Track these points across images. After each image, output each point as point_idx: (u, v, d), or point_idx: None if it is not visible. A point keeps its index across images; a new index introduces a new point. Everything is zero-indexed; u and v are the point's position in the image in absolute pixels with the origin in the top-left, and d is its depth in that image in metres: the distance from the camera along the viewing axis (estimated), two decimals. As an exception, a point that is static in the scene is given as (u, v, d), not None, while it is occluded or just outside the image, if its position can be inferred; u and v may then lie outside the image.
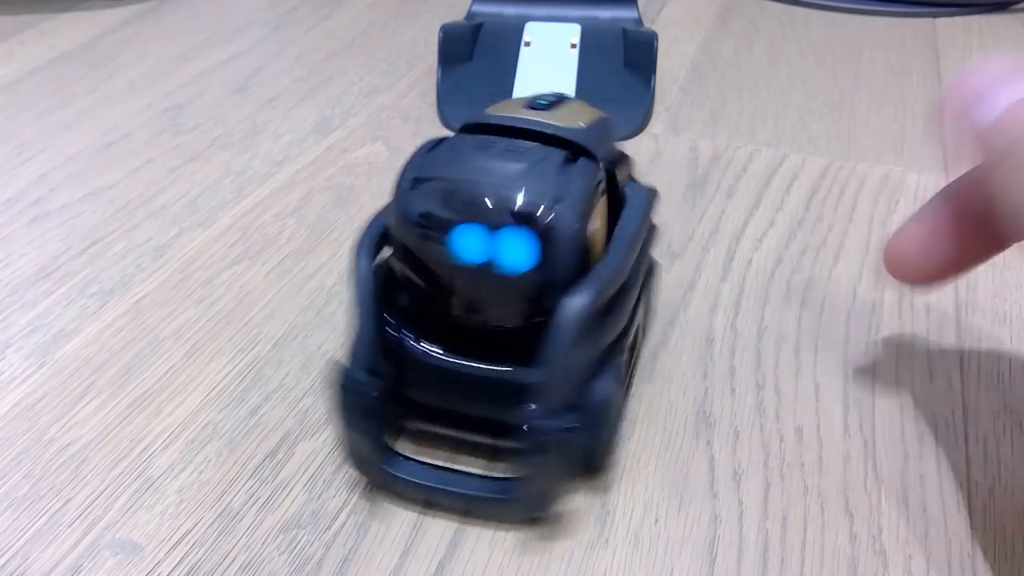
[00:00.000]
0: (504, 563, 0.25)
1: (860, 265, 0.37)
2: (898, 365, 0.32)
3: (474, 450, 0.28)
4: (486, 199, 0.23)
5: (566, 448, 0.24)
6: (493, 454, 0.28)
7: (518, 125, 0.25)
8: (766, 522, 0.26)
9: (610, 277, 0.24)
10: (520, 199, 0.23)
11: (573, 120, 0.26)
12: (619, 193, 0.27)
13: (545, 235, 0.23)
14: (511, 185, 0.23)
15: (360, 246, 0.25)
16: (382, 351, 0.25)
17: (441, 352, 0.25)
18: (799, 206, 0.41)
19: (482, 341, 0.25)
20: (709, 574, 0.25)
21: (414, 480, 0.26)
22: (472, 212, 0.23)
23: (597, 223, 0.25)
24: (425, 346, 0.25)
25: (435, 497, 0.26)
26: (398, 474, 0.26)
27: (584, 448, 0.26)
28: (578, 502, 0.27)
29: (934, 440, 0.29)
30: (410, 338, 0.25)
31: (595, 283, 0.23)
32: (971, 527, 0.26)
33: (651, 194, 0.28)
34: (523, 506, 0.25)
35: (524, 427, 0.23)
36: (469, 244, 0.23)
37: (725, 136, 0.47)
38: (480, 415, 0.26)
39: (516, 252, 0.23)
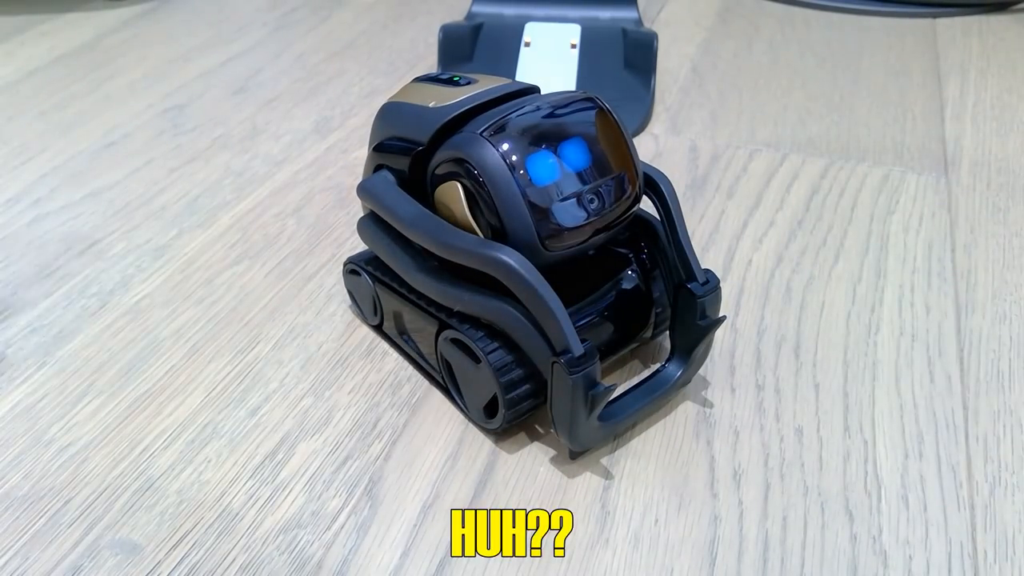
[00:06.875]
0: (504, 563, 0.25)
1: (860, 265, 0.37)
2: (898, 365, 0.32)
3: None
4: None
5: None
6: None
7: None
8: (766, 522, 0.26)
9: None
10: None
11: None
12: None
13: None
14: None
15: None
16: None
17: None
18: (799, 206, 0.41)
19: None
20: (709, 574, 0.25)
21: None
22: None
23: None
24: None
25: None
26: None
27: None
28: (578, 502, 0.27)
29: (934, 440, 0.29)
30: None
31: None
32: (971, 527, 0.26)
33: None
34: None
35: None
36: None
37: (725, 136, 0.47)
38: None
39: None
